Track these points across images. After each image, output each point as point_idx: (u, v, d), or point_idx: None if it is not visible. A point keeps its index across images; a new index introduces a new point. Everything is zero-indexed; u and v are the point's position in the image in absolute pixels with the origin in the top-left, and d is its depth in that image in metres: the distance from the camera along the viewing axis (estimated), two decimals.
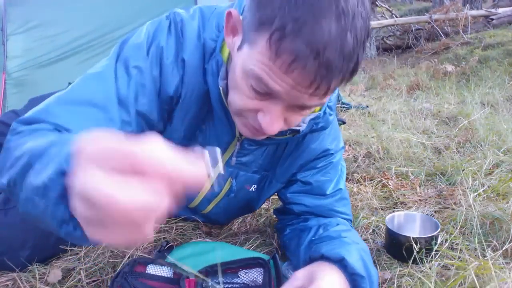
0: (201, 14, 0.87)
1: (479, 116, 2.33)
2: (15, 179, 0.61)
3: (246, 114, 0.74)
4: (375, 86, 4.36)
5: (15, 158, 0.62)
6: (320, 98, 0.66)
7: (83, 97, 0.76)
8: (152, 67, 0.82)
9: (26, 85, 2.22)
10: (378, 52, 7.28)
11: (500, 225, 1.15)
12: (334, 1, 0.58)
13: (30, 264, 1.07)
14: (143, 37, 0.84)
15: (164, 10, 0.87)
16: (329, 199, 1.06)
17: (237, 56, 0.70)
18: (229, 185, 1.04)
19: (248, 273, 0.94)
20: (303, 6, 0.57)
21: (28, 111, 1.42)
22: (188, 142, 0.95)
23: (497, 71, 4.10)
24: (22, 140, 0.66)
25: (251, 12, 0.65)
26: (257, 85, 0.67)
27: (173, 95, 0.85)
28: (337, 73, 0.61)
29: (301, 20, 0.57)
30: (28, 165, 0.58)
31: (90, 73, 0.81)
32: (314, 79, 0.61)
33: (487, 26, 6.43)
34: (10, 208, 1.09)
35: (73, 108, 0.74)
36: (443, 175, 1.64)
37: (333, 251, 0.85)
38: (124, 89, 0.79)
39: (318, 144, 1.02)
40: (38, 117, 0.71)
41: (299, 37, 0.58)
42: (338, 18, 0.58)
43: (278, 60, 0.61)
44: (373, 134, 2.26)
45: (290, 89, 0.64)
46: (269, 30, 0.60)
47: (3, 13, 2.30)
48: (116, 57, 0.82)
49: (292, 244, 1.05)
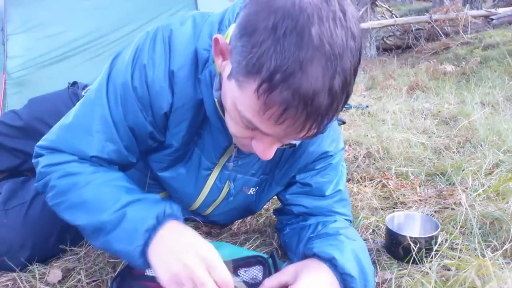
0: (193, 22, 0.86)
1: (479, 116, 2.33)
2: (81, 226, 0.83)
3: (240, 139, 0.76)
4: (375, 86, 4.36)
5: (75, 205, 0.83)
6: (310, 137, 0.67)
7: (86, 124, 0.87)
8: (137, 85, 0.84)
9: (26, 85, 2.21)
10: (378, 52, 7.29)
11: (500, 225, 1.15)
12: (320, 46, 0.57)
13: (30, 264, 1.07)
14: (128, 55, 0.86)
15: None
16: (329, 200, 1.05)
17: (228, 84, 0.69)
18: (228, 188, 1.04)
19: (248, 271, 0.94)
20: (289, 54, 0.57)
21: (28, 111, 1.49)
22: (187, 147, 0.96)
23: (497, 71, 4.09)
24: (69, 180, 0.84)
25: (237, 50, 0.64)
26: (247, 123, 0.68)
27: (167, 110, 0.87)
28: (327, 115, 0.62)
29: (288, 70, 0.57)
30: (99, 229, 0.80)
31: (88, 98, 0.90)
32: (304, 125, 0.62)
33: (487, 26, 6.43)
34: (10, 208, 1.10)
35: (81, 136, 0.87)
36: (443, 175, 1.64)
37: (325, 250, 0.85)
38: (114, 109, 0.86)
39: (317, 146, 1.01)
40: (58, 146, 0.88)
41: (287, 89, 0.58)
42: (325, 63, 0.58)
43: (268, 111, 0.61)
44: (373, 134, 2.26)
45: (282, 135, 0.65)
46: (257, 80, 0.60)
47: (3, 13, 2.29)
48: (107, 77, 0.88)
49: (292, 243, 1.05)
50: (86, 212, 0.82)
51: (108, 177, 0.86)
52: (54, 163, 0.87)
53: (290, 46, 0.57)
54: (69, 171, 0.85)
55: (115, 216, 0.78)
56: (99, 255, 1.12)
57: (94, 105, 0.87)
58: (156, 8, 2.49)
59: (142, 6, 2.53)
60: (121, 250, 0.78)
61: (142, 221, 0.76)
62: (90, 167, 0.87)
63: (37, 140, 1.34)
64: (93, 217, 0.80)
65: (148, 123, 0.88)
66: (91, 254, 1.13)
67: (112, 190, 0.83)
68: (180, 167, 1.00)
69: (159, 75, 0.83)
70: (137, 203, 0.81)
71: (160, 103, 0.85)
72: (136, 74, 0.84)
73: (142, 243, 0.76)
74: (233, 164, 0.99)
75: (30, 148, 1.39)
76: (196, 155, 0.97)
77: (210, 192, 1.04)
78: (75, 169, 0.86)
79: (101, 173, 0.86)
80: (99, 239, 0.81)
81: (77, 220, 0.83)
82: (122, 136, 0.88)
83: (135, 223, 0.77)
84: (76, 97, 1.42)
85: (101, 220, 0.79)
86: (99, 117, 0.86)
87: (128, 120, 0.87)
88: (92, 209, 0.81)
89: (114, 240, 0.78)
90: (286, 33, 0.57)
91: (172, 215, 0.81)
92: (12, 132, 1.38)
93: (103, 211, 0.79)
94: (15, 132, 1.38)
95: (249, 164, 1.01)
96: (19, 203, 1.11)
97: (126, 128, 0.87)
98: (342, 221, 1.04)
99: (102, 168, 0.88)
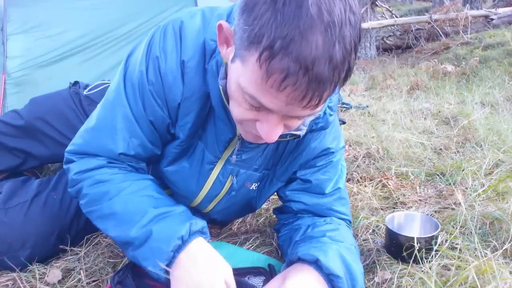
0: (202, 15, 0.88)
1: (479, 116, 2.33)
2: (112, 237, 0.89)
3: (245, 123, 0.77)
4: (375, 86, 4.36)
5: (106, 216, 0.87)
6: (312, 109, 0.67)
7: (110, 124, 0.90)
8: (152, 78, 0.86)
9: (26, 85, 2.21)
10: (378, 52, 7.28)
11: (500, 225, 1.15)
12: (319, 15, 0.59)
13: (30, 264, 1.07)
14: (141, 52, 0.88)
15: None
16: (328, 198, 1.06)
17: (232, 68, 0.71)
18: (230, 183, 1.04)
19: (252, 279, 0.95)
20: (289, 22, 0.58)
21: (29, 110, 1.50)
22: (192, 140, 0.97)
23: (497, 71, 4.09)
24: (99, 188, 0.88)
25: (239, 27, 0.66)
26: (251, 101, 0.69)
27: (180, 100, 0.89)
28: (328, 84, 0.62)
29: (288, 37, 0.58)
30: (128, 244, 0.84)
31: (108, 99, 0.93)
32: (306, 94, 0.63)
33: (487, 26, 6.43)
34: (10, 207, 1.10)
35: (107, 136, 0.90)
36: (443, 175, 1.64)
37: (308, 253, 0.87)
38: (134, 106, 0.89)
39: (319, 143, 1.02)
40: (87, 150, 0.92)
41: (287, 55, 0.59)
42: (325, 30, 0.59)
43: (270, 79, 0.62)
44: (373, 134, 2.26)
45: (284, 105, 0.66)
46: (258, 49, 0.61)
47: (3, 13, 2.29)
48: (123, 76, 0.90)
49: (284, 246, 1.07)
50: (115, 224, 0.86)
51: (137, 187, 0.89)
52: (85, 169, 0.91)
53: (289, 15, 0.58)
54: (99, 178, 0.89)
55: (141, 233, 0.82)
56: (99, 255, 1.13)
57: (114, 105, 0.91)
58: (157, 6, 2.49)
59: (142, 5, 2.52)
60: (147, 267, 0.82)
61: (167, 242, 0.80)
62: (120, 173, 0.91)
63: (38, 140, 1.35)
64: (122, 231, 0.85)
65: (166, 116, 0.90)
66: (91, 254, 1.13)
67: (140, 201, 0.87)
68: (184, 161, 1.01)
69: (171, 66, 0.85)
70: (163, 220, 0.84)
71: (174, 93, 0.87)
72: (150, 68, 0.86)
73: (166, 263, 0.80)
74: (236, 158, 0.99)
75: (31, 147, 1.40)
76: (200, 149, 0.98)
77: (213, 186, 1.04)
78: (105, 176, 0.90)
79: (130, 181, 0.90)
80: (128, 253, 0.86)
81: (108, 231, 0.88)
82: (145, 130, 0.91)
83: (160, 243, 0.81)
84: (77, 96, 1.42)
85: (129, 235, 0.83)
86: (121, 116, 0.89)
87: (148, 114, 0.89)
88: (120, 221, 0.86)
89: (141, 257, 0.83)
90: (285, 3, 0.59)
91: (197, 232, 0.84)
92: (13, 131, 1.38)
93: (131, 226, 0.83)
94: (16, 131, 1.38)
95: (253, 159, 1.01)
96: (19, 203, 1.11)
97: (147, 122, 0.90)
98: (335, 223, 1.04)
99: (132, 175, 0.92)
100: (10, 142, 1.37)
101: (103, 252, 1.13)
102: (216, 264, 0.82)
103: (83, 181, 0.91)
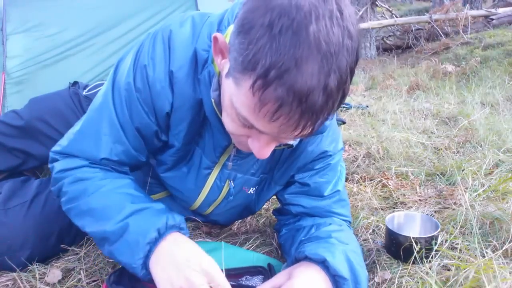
0: (192, 23, 0.87)
1: (479, 116, 2.33)
2: (90, 233, 0.87)
3: (238, 137, 0.77)
4: (375, 86, 4.36)
5: (83, 212, 0.86)
6: (306, 136, 0.67)
7: (95, 129, 0.90)
8: (140, 86, 0.86)
9: (26, 85, 2.21)
10: (378, 52, 7.27)
11: (500, 225, 1.15)
12: (316, 44, 0.57)
13: (30, 264, 1.07)
14: (130, 58, 0.88)
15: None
16: (327, 201, 1.05)
17: (226, 83, 0.70)
18: (228, 187, 1.04)
19: (249, 279, 0.95)
20: (284, 51, 0.56)
21: (29, 110, 1.50)
22: (188, 147, 0.97)
23: (497, 71, 4.09)
24: (79, 186, 0.88)
25: (234, 47, 0.64)
26: (243, 121, 0.68)
27: (168, 110, 0.88)
28: (321, 114, 0.62)
29: (283, 66, 0.57)
30: (105, 239, 0.83)
31: (95, 104, 0.93)
32: (299, 124, 0.62)
33: (487, 26, 6.43)
34: (10, 208, 1.09)
35: (90, 140, 0.90)
36: (443, 175, 1.64)
37: (316, 252, 0.86)
38: (120, 112, 0.89)
39: (316, 146, 1.01)
40: (70, 151, 0.92)
41: (281, 85, 0.57)
42: (321, 60, 0.57)
43: (263, 108, 0.61)
44: (373, 134, 2.26)
45: (276, 131, 0.65)
46: (252, 76, 0.59)
47: (3, 13, 2.29)
48: (112, 82, 0.90)
49: (286, 245, 1.06)
50: (93, 220, 0.85)
51: (116, 184, 0.88)
52: (67, 168, 0.91)
53: (285, 43, 0.56)
54: (79, 176, 0.89)
55: (118, 227, 0.81)
56: (99, 255, 1.12)
57: (101, 109, 0.91)
58: (155, 5, 2.49)
59: (141, 4, 2.52)
60: (124, 262, 0.81)
61: (143, 234, 0.79)
62: (100, 172, 0.90)
63: (37, 140, 1.35)
64: (99, 226, 0.83)
65: (153, 123, 0.90)
66: (91, 254, 1.13)
67: (118, 198, 0.86)
68: (182, 167, 1.01)
69: (159, 75, 0.85)
70: (140, 214, 0.83)
71: (161, 103, 0.87)
72: (138, 75, 0.86)
73: (143, 256, 0.78)
74: (233, 164, 0.99)
75: (31, 148, 1.40)
76: (197, 154, 0.98)
77: (211, 191, 1.04)
78: (86, 174, 0.89)
79: (110, 179, 0.89)
80: (105, 248, 0.84)
81: (86, 227, 0.87)
82: (129, 137, 0.90)
83: (136, 235, 0.79)
84: (77, 97, 1.42)
85: (106, 230, 0.82)
86: (107, 121, 0.89)
87: (134, 121, 0.89)
88: (98, 217, 0.84)
89: (117, 252, 0.81)
90: (282, 31, 0.57)
91: (174, 227, 0.83)
92: (12, 132, 1.38)
93: (108, 221, 0.82)
94: (16, 132, 1.38)
95: (249, 164, 1.01)
96: (19, 203, 1.11)
97: (132, 129, 0.90)
98: (337, 224, 1.04)
99: (112, 174, 0.91)
100: (10, 142, 1.37)
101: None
102: (195, 251, 0.80)
103: (64, 179, 0.90)
